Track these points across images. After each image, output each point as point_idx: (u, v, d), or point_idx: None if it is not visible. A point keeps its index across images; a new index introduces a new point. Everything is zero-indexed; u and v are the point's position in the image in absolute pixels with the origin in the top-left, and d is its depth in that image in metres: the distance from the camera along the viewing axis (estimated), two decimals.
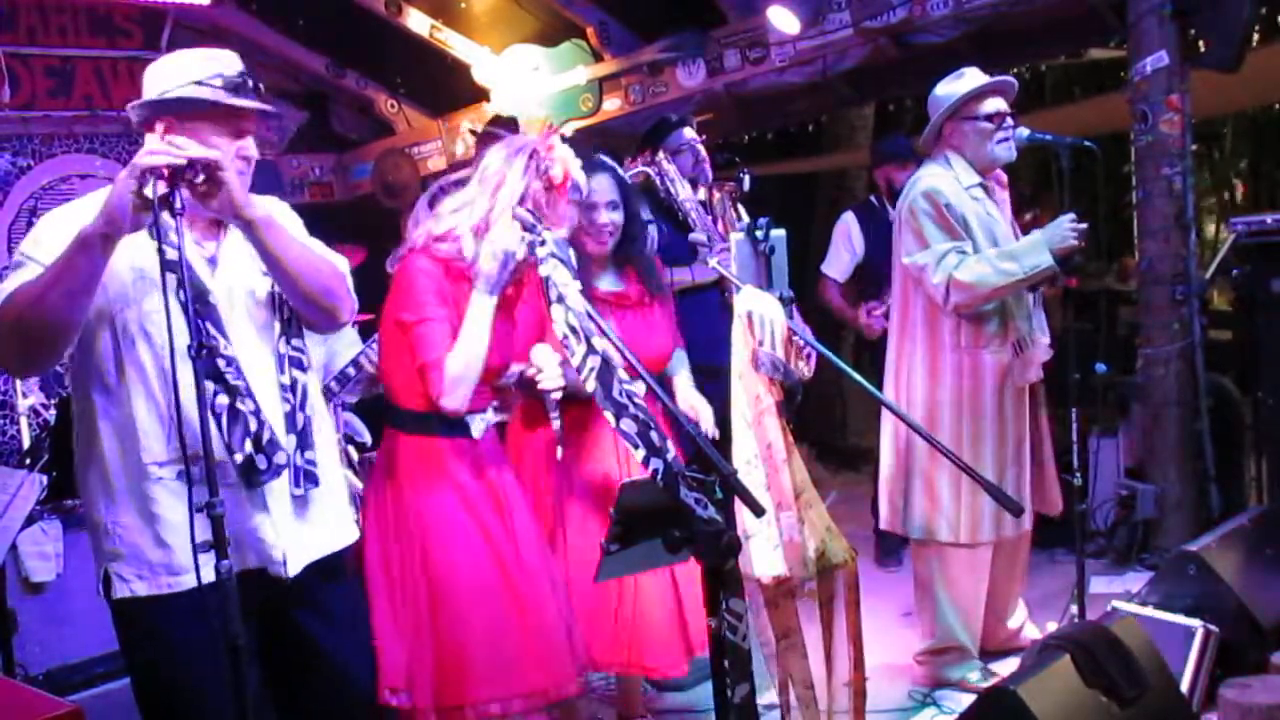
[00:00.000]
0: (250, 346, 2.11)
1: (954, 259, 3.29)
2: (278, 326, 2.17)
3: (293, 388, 2.15)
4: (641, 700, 3.40)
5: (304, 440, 2.15)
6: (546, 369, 2.69)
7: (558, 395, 2.76)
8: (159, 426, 2.03)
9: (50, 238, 1.99)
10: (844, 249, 4.93)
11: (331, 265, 2.22)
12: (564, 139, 2.68)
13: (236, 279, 2.14)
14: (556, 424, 2.82)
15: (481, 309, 2.51)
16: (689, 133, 4.32)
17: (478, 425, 2.64)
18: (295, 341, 2.19)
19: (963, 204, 3.36)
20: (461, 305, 2.52)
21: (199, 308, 1.99)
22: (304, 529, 2.16)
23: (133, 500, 2.06)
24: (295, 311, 2.19)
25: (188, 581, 2.02)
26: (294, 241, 2.12)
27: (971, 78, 3.43)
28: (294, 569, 2.12)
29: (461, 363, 2.47)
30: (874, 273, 4.71)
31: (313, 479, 2.16)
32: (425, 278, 2.52)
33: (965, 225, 3.34)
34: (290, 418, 2.13)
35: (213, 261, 2.13)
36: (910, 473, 3.48)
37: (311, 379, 2.22)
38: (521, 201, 2.54)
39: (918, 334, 3.47)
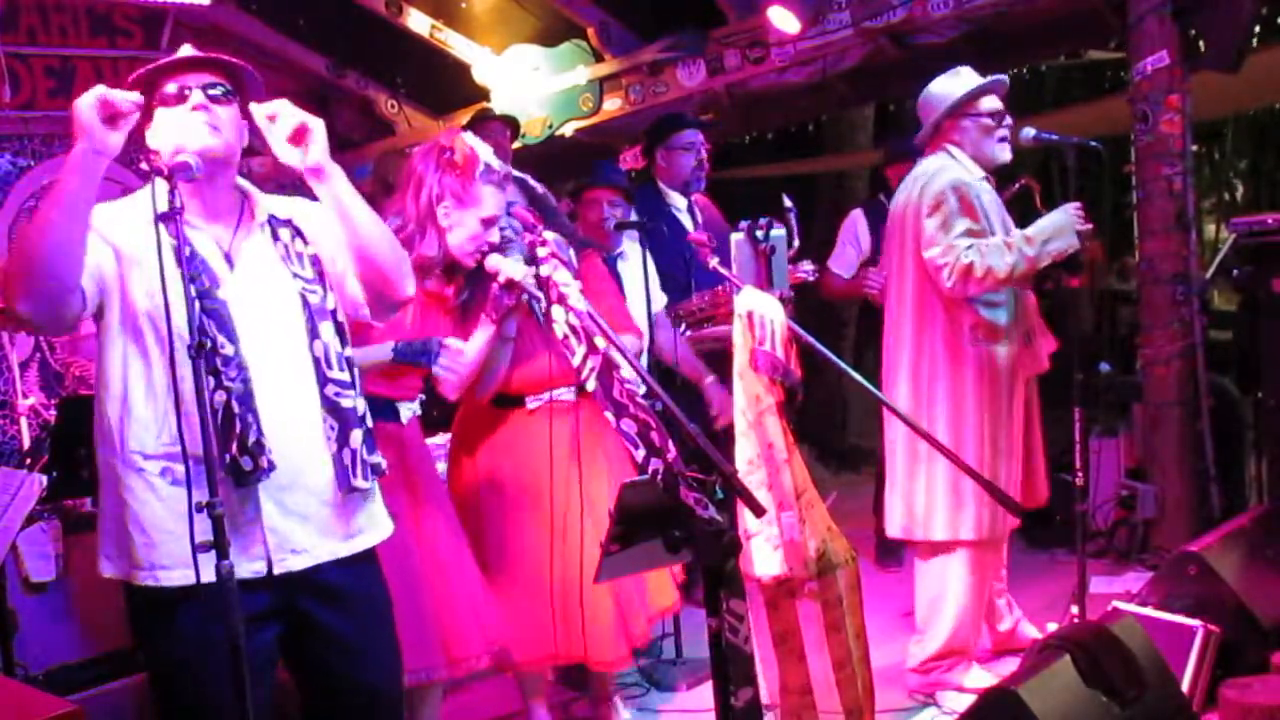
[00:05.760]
0: (266, 347, 2.09)
1: (972, 247, 3.27)
2: (308, 327, 2.14)
3: (324, 387, 2.13)
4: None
5: (343, 439, 2.14)
6: (503, 264, 2.72)
7: (527, 282, 2.75)
8: (153, 418, 2.03)
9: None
10: (850, 245, 4.93)
11: (393, 236, 2.24)
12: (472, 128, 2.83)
13: (255, 277, 2.13)
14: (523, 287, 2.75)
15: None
16: (696, 134, 4.32)
17: (405, 412, 2.81)
18: (334, 343, 2.16)
19: (980, 193, 3.37)
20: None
21: (204, 304, 1.99)
22: (312, 532, 2.13)
23: (117, 484, 2.06)
24: (362, 282, 2.19)
25: (164, 578, 2.02)
26: (366, 205, 2.15)
27: (968, 76, 3.43)
28: (284, 567, 2.09)
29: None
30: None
31: (345, 481, 2.14)
32: None
33: (985, 215, 3.35)
34: (330, 417, 2.13)
35: (229, 258, 2.12)
36: (915, 474, 3.45)
37: (355, 380, 2.20)
38: (440, 198, 2.69)
39: (912, 329, 3.45)
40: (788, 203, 3.54)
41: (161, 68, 2.10)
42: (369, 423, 2.20)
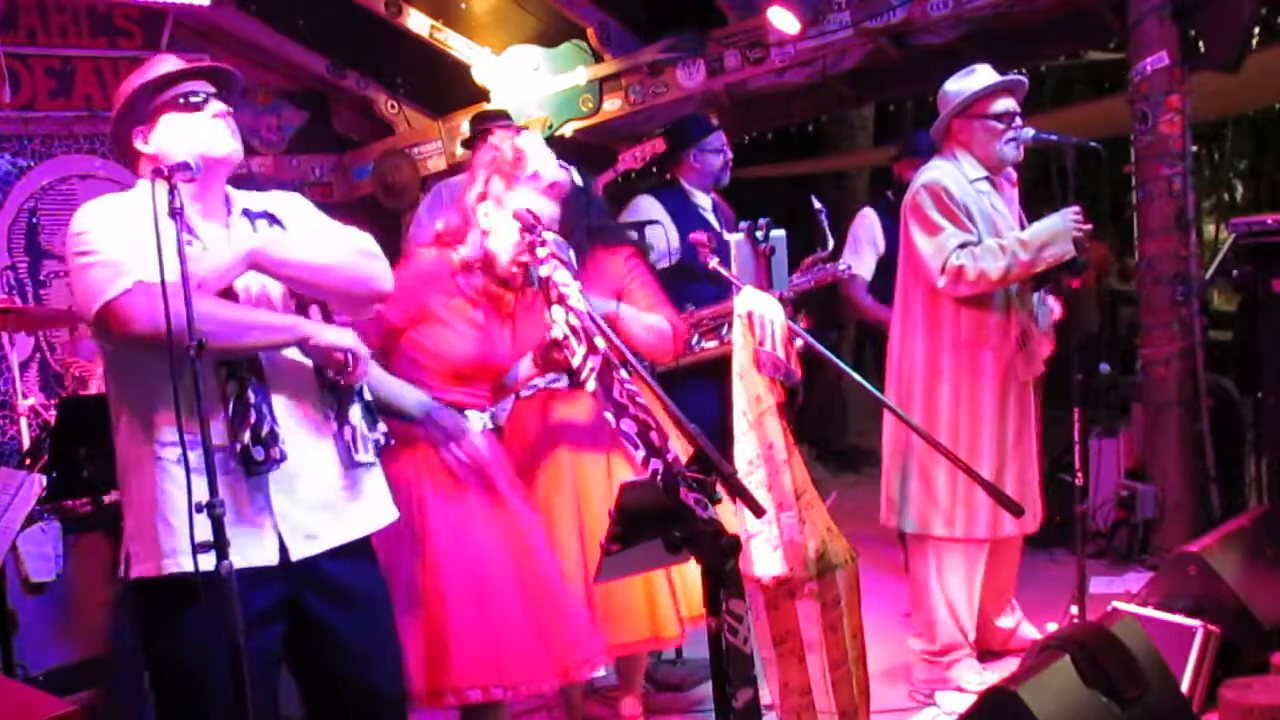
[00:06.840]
0: None
1: (964, 248, 3.29)
2: (313, 315, 2.18)
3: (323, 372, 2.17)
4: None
5: (342, 417, 2.17)
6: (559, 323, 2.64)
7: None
8: (169, 410, 2.04)
9: (108, 233, 2.04)
10: (867, 244, 4.86)
11: (352, 246, 2.22)
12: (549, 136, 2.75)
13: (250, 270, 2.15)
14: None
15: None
16: (721, 134, 4.34)
17: (477, 422, 2.70)
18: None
19: (965, 196, 3.37)
20: (445, 302, 2.61)
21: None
22: (321, 515, 2.15)
23: (144, 479, 2.09)
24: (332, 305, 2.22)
25: (187, 564, 2.02)
26: (298, 256, 2.14)
27: (982, 75, 3.43)
28: (300, 553, 2.11)
29: None
30: (894, 269, 4.69)
31: (348, 458, 2.17)
32: (400, 274, 2.50)
33: (967, 216, 3.35)
34: (329, 396, 2.16)
35: None
36: (907, 467, 3.48)
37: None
38: (483, 197, 2.63)
39: (918, 330, 3.47)
40: (817, 204, 3.55)
41: (171, 76, 2.12)
42: (368, 396, 2.22)
